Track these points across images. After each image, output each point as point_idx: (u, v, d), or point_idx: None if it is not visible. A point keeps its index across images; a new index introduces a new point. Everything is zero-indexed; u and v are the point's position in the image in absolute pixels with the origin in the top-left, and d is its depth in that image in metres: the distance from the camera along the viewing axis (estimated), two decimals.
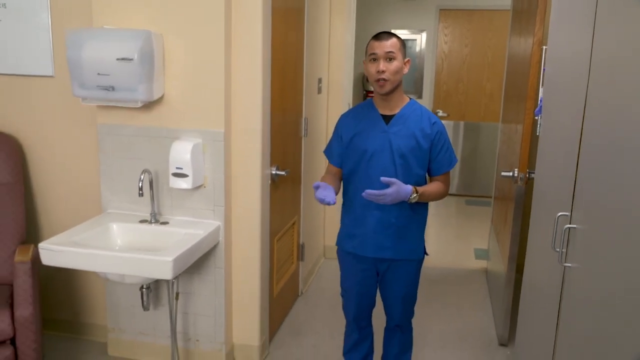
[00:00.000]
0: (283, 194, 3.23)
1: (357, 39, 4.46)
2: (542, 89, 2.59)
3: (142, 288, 2.65)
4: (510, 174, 3.01)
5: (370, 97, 2.42)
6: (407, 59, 2.25)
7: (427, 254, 2.43)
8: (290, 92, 3.25)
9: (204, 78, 2.57)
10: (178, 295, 2.70)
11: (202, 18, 2.52)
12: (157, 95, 2.54)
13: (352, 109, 2.46)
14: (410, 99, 2.35)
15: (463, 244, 5.00)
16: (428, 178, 2.37)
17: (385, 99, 2.28)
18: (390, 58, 2.17)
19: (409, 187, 2.16)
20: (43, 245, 2.31)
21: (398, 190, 2.12)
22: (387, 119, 2.29)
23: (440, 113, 6.54)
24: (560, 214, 1.64)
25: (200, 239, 2.47)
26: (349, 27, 4.18)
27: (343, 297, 2.54)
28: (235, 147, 2.70)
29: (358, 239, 2.35)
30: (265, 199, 2.84)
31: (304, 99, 3.54)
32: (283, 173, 3.00)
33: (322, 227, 4.39)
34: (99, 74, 2.41)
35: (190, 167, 2.52)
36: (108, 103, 2.54)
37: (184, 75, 2.58)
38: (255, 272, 2.84)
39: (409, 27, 6.54)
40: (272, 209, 2.97)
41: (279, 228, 3.21)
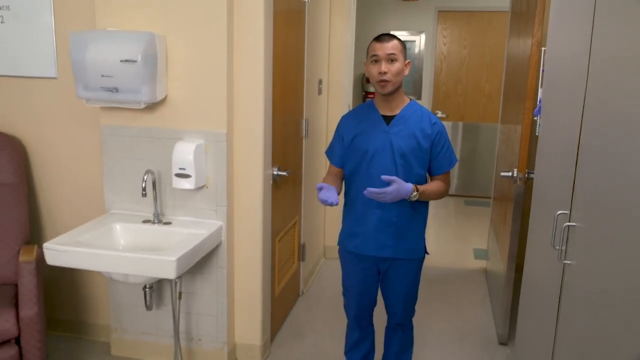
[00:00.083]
0: (284, 194, 3.25)
1: (356, 40, 4.48)
2: (541, 90, 2.61)
3: (145, 288, 2.67)
4: (510, 174, 3.03)
5: (370, 98, 2.44)
6: (407, 61, 2.28)
7: (427, 253, 2.46)
8: (291, 93, 3.27)
9: (207, 79, 2.59)
10: (181, 295, 2.72)
11: (204, 20, 2.54)
12: (160, 97, 2.57)
13: (353, 110, 2.48)
14: (411, 100, 2.38)
15: (462, 244, 5.03)
16: (428, 178, 2.40)
17: (386, 100, 2.31)
18: (392, 60, 2.20)
19: (410, 185, 2.19)
20: (48, 245, 2.33)
21: (399, 189, 2.15)
22: (387, 120, 2.32)
23: (439, 114, 6.56)
24: (560, 213, 1.67)
25: (203, 239, 2.49)
26: (349, 28, 4.20)
27: (344, 296, 2.56)
28: (238, 147, 2.73)
29: (360, 238, 2.37)
30: (267, 199, 2.86)
31: (305, 100, 3.57)
32: (284, 173, 3.03)
33: (322, 227, 4.42)
34: (103, 76, 2.44)
35: (193, 167, 2.54)
36: (111, 104, 2.56)
37: (187, 77, 2.61)
38: (257, 272, 2.86)
39: (408, 28, 6.57)
40: (273, 209, 2.99)
41: (281, 228, 3.23)
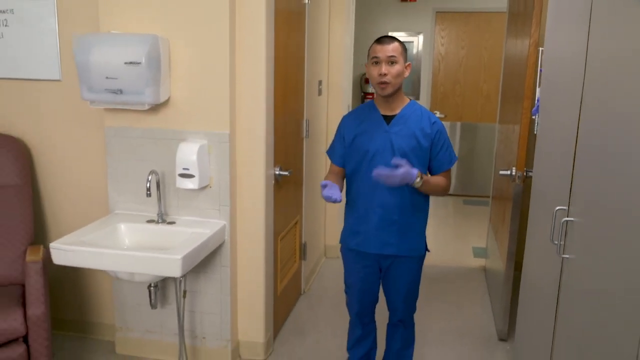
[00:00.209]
0: (286, 194, 3.29)
1: (355, 41, 4.52)
2: (539, 89, 2.66)
3: (150, 286, 2.70)
4: (508, 173, 3.07)
5: (368, 99, 2.48)
6: (408, 63, 2.31)
7: (428, 250, 2.50)
8: (292, 94, 3.31)
9: (209, 81, 2.63)
10: (185, 294, 2.75)
11: (206, 22, 2.58)
12: (163, 98, 2.60)
13: (354, 110, 2.52)
14: (411, 100, 2.42)
15: (461, 243, 5.07)
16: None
17: (387, 100, 2.35)
18: (392, 62, 2.23)
19: (415, 170, 2.20)
20: (54, 245, 2.36)
21: (407, 172, 2.15)
22: (388, 120, 2.36)
23: (438, 114, 6.59)
24: (558, 208, 1.71)
25: (207, 238, 2.53)
26: (348, 30, 4.25)
27: (346, 293, 2.60)
28: (240, 148, 2.76)
29: (362, 236, 2.41)
30: (269, 199, 2.90)
31: (305, 101, 3.60)
32: (286, 173, 3.06)
33: (322, 226, 4.45)
34: (107, 78, 2.47)
35: (197, 167, 2.58)
36: (116, 106, 2.60)
37: (190, 78, 2.64)
38: (260, 270, 2.90)
39: (406, 29, 6.61)
40: (275, 209, 3.02)
41: (282, 227, 3.27)
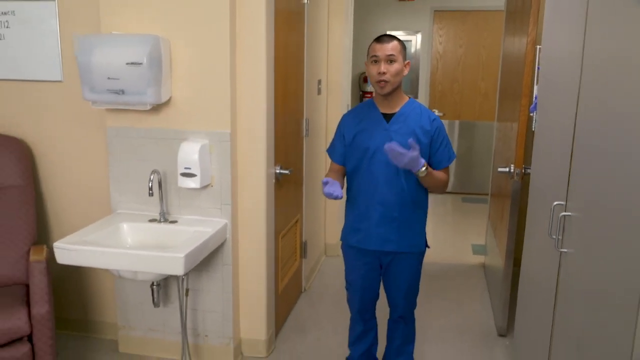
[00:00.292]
0: (286, 193, 3.31)
1: (354, 40, 4.54)
2: (536, 87, 2.69)
3: (152, 285, 2.72)
4: (507, 170, 3.10)
5: (367, 98, 2.50)
6: (407, 61, 2.34)
7: (428, 247, 2.52)
8: (292, 93, 3.33)
9: (210, 81, 2.65)
10: (188, 292, 2.78)
11: (207, 22, 2.60)
12: (164, 98, 2.63)
13: (353, 109, 2.54)
14: (410, 98, 2.44)
15: (461, 240, 5.10)
16: None
17: (386, 99, 2.37)
18: (391, 60, 2.26)
19: (423, 160, 2.22)
20: (58, 245, 2.38)
21: (416, 157, 2.16)
22: (387, 118, 2.38)
23: (436, 112, 6.63)
24: (556, 203, 1.74)
25: (209, 237, 2.55)
26: (347, 29, 4.27)
27: (347, 290, 2.62)
28: (241, 147, 2.79)
29: (362, 233, 2.43)
30: (270, 198, 2.92)
31: (305, 100, 3.63)
32: (287, 172, 3.08)
33: (323, 225, 4.48)
34: (109, 78, 2.49)
35: (198, 167, 2.60)
36: (118, 106, 2.62)
37: (191, 78, 2.67)
38: (262, 268, 2.92)
39: (404, 28, 6.64)
40: (276, 207, 3.05)
41: (283, 226, 3.29)
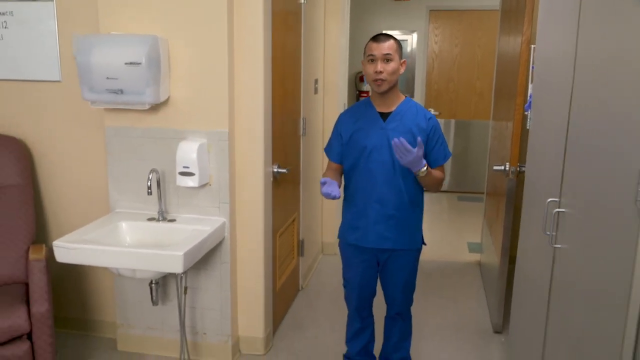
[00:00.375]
0: (284, 192, 3.33)
1: (350, 40, 4.57)
2: (531, 86, 2.72)
3: (151, 283, 2.75)
4: (502, 168, 3.13)
5: (363, 97, 2.53)
6: (403, 60, 2.37)
7: (425, 244, 2.55)
8: (290, 92, 3.36)
9: (208, 80, 2.67)
10: (186, 290, 2.80)
11: (205, 22, 2.62)
12: (163, 98, 2.65)
13: (350, 108, 2.57)
14: (406, 97, 2.47)
15: (457, 239, 5.13)
16: None
17: (382, 97, 2.40)
18: (388, 59, 2.29)
19: (424, 160, 2.25)
20: (57, 244, 2.40)
21: (419, 157, 2.19)
22: (384, 116, 2.41)
23: (432, 111, 6.65)
24: (550, 200, 1.77)
25: (207, 235, 2.57)
26: (343, 29, 4.30)
27: (345, 287, 2.65)
28: (239, 146, 2.81)
29: (360, 231, 2.46)
30: (268, 196, 2.95)
31: (302, 100, 3.65)
32: (284, 171, 3.11)
33: (320, 224, 4.50)
34: (108, 78, 2.51)
35: (197, 166, 2.62)
36: (117, 106, 2.64)
37: (189, 78, 2.69)
38: (259, 267, 2.95)
39: (400, 28, 6.67)
40: (274, 206, 3.07)
41: (281, 224, 3.32)
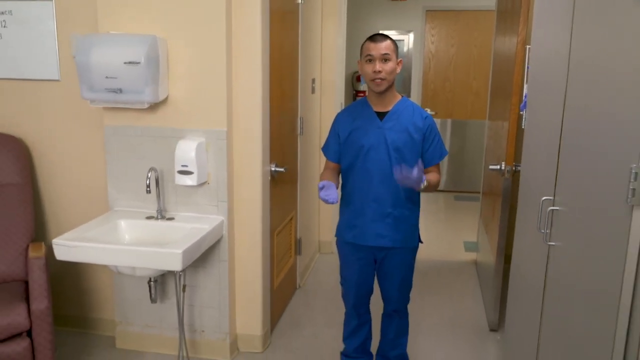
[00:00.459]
0: (281, 190, 3.36)
1: (346, 40, 4.60)
2: (526, 86, 2.74)
3: (150, 281, 2.77)
4: (498, 167, 3.16)
5: (360, 96, 2.55)
6: (399, 60, 2.40)
7: (421, 242, 2.58)
8: (287, 92, 3.38)
9: (207, 80, 2.69)
10: (185, 288, 2.82)
11: (204, 22, 2.64)
12: (162, 97, 2.67)
13: (347, 108, 2.60)
14: (403, 96, 2.50)
15: (453, 238, 5.16)
16: None
17: (379, 97, 2.42)
18: (386, 59, 2.31)
19: (424, 176, 2.29)
20: (57, 242, 2.42)
21: (419, 177, 2.23)
22: (381, 116, 2.44)
23: (429, 111, 6.67)
24: (545, 198, 1.80)
25: (206, 233, 2.59)
26: (340, 29, 4.32)
27: (342, 285, 2.68)
28: (237, 145, 2.83)
29: (357, 230, 2.48)
30: (266, 195, 2.97)
31: (299, 99, 3.68)
32: (282, 170, 3.13)
33: (317, 223, 4.53)
34: (107, 77, 2.53)
35: (195, 164, 2.64)
36: (116, 105, 2.66)
37: (188, 78, 2.71)
38: (257, 265, 2.97)
39: (397, 28, 6.69)
40: (271, 205, 3.09)
41: (278, 223, 3.34)
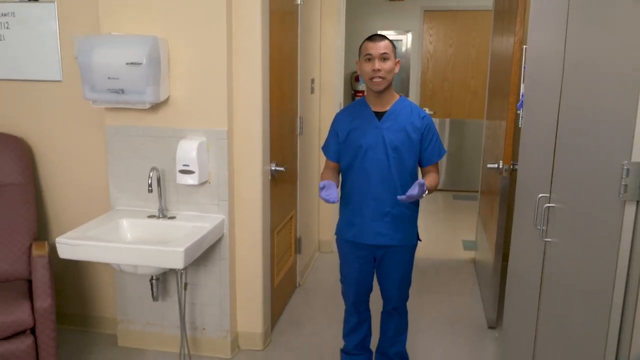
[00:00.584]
0: (281, 190, 3.39)
1: (345, 40, 4.62)
2: (523, 85, 2.78)
3: (152, 279, 2.79)
4: (496, 166, 3.19)
5: (359, 96, 2.58)
6: (397, 60, 2.43)
7: (420, 240, 2.61)
8: (287, 92, 3.41)
9: (207, 80, 2.72)
10: (186, 286, 2.85)
11: (204, 23, 2.67)
12: (163, 97, 2.69)
13: (346, 107, 2.62)
14: (401, 96, 2.53)
15: (452, 236, 5.20)
16: (419, 169, 2.54)
17: (378, 97, 2.45)
18: (384, 58, 2.34)
19: (425, 186, 2.31)
20: (60, 240, 2.45)
21: (422, 192, 2.27)
22: (379, 116, 2.47)
23: (427, 111, 6.71)
24: (541, 195, 1.83)
25: (207, 232, 2.62)
26: (339, 30, 4.35)
27: (342, 283, 2.71)
28: (238, 145, 2.86)
29: (357, 228, 2.51)
30: (266, 194, 3.00)
31: (299, 99, 3.71)
32: (282, 169, 3.16)
33: (316, 222, 4.55)
34: (109, 78, 2.56)
35: (197, 164, 2.67)
36: (118, 105, 2.69)
37: (188, 78, 2.74)
38: (258, 263, 3.00)
39: (395, 28, 6.73)
40: (272, 204, 3.12)
41: (279, 222, 3.37)
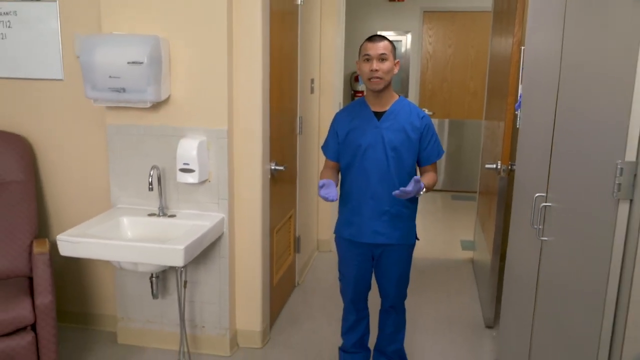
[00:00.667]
0: (281, 189, 3.41)
1: (345, 40, 4.64)
2: (521, 86, 2.80)
3: (151, 277, 2.81)
4: (494, 166, 3.21)
5: (359, 96, 2.60)
6: (396, 60, 2.45)
7: (418, 239, 2.63)
8: (287, 92, 3.43)
9: (208, 80, 2.74)
10: (186, 284, 2.87)
11: (205, 23, 2.69)
12: (164, 96, 2.71)
13: (346, 107, 2.64)
14: (400, 96, 2.55)
15: (450, 236, 5.22)
16: (417, 168, 2.57)
17: (377, 97, 2.47)
18: (383, 59, 2.36)
19: (422, 184, 2.34)
20: (61, 237, 2.47)
21: (418, 188, 2.30)
22: (378, 115, 2.49)
23: (426, 111, 6.73)
24: (538, 195, 1.85)
25: (207, 230, 2.64)
26: (339, 30, 4.37)
27: (341, 281, 2.73)
28: (238, 144, 2.88)
29: (355, 227, 2.53)
30: (266, 193, 3.02)
31: (299, 99, 3.73)
32: (281, 168, 3.18)
33: (315, 221, 4.58)
34: (111, 77, 2.58)
35: (197, 162, 2.69)
36: (119, 104, 2.71)
37: (189, 77, 2.76)
38: (257, 262, 3.02)
39: (395, 28, 6.75)
40: (271, 203, 3.14)
41: (278, 221, 3.39)
